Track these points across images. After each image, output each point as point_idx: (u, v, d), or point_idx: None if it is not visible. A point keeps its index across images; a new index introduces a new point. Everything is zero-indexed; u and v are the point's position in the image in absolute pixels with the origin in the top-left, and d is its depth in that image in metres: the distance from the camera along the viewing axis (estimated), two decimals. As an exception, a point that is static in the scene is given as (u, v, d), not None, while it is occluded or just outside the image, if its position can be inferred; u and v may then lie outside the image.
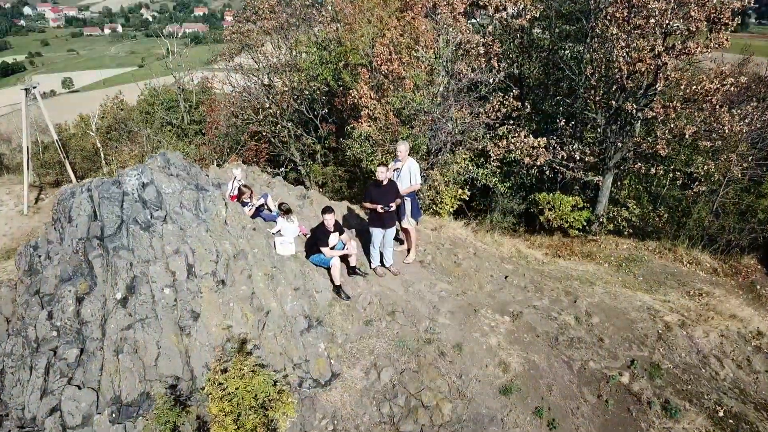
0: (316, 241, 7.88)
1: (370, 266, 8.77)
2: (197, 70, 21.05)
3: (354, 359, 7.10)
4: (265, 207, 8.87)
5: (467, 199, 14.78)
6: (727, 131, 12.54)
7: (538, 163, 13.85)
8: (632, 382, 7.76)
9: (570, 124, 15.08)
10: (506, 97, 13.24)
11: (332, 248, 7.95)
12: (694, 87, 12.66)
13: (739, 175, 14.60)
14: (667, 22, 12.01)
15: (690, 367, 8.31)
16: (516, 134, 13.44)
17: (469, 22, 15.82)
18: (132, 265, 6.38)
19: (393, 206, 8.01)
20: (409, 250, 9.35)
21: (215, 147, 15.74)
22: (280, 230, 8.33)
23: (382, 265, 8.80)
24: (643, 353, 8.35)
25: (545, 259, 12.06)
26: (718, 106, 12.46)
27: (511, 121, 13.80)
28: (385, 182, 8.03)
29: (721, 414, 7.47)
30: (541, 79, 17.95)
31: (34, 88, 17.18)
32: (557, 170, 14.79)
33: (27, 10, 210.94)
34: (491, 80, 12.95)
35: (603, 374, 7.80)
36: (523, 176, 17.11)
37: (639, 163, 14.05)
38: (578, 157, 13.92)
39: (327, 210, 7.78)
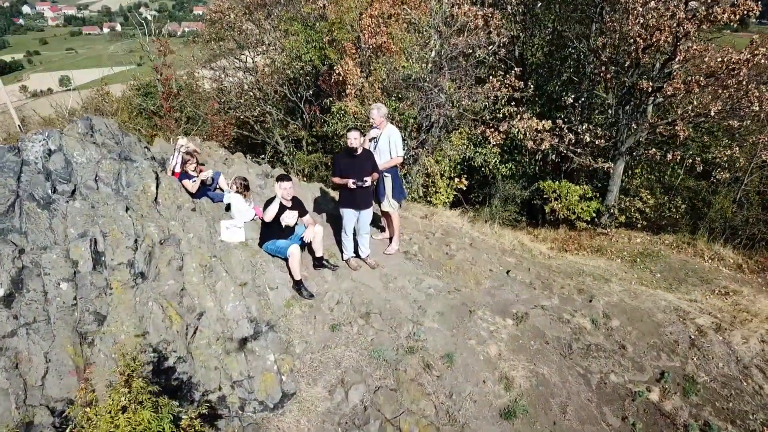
0: (265, 212, 6.26)
1: (342, 257, 7.17)
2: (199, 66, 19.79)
3: (315, 374, 5.60)
4: (217, 187, 7.38)
5: (465, 188, 13.41)
6: (756, 109, 11.18)
7: (542, 148, 12.50)
8: (663, 399, 6.30)
9: (578, 102, 13.69)
10: (507, 75, 11.85)
11: (291, 232, 6.44)
12: (719, 59, 11.30)
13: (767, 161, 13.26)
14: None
15: (730, 380, 6.85)
16: (518, 115, 12.06)
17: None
18: (22, 253, 4.91)
19: (368, 181, 6.45)
20: (391, 239, 7.76)
21: (173, 121, 14.22)
22: (231, 212, 6.84)
23: (357, 256, 7.20)
24: (675, 363, 6.88)
25: (551, 254, 10.65)
26: (745, 82, 11.13)
27: (513, 103, 12.43)
28: (359, 151, 6.47)
29: (770, 437, 6.09)
30: (544, 58, 16.53)
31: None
32: (564, 155, 13.41)
33: (26, 8, 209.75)
34: (489, 48, 11.48)
35: (628, 390, 6.33)
36: (525, 164, 15.77)
37: (653, 149, 12.72)
38: (588, 140, 12.52)
39: (283, 177, 6.19)
